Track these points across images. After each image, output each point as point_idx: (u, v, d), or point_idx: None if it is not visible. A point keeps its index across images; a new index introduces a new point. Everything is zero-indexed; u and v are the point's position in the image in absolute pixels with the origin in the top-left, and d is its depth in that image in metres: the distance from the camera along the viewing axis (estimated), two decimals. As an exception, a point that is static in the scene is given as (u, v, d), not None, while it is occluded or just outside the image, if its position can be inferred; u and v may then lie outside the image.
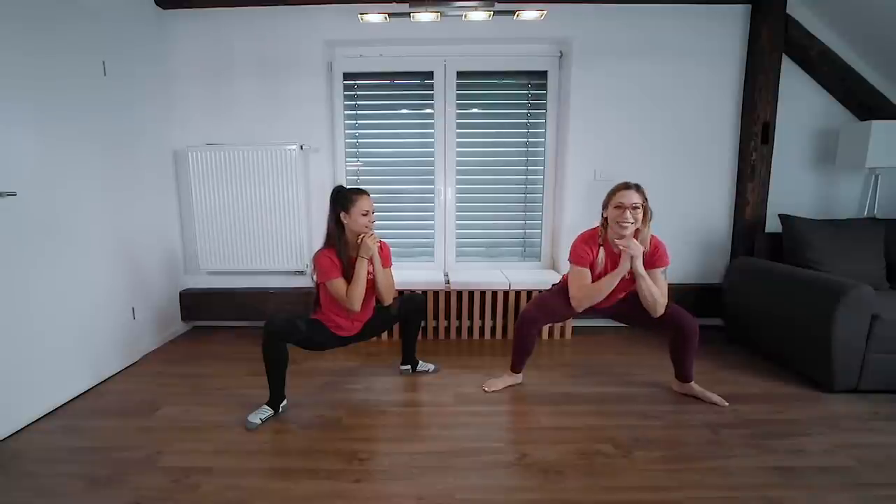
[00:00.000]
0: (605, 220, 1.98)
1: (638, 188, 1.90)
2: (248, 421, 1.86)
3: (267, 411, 1.91)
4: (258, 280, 3.04)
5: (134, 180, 2.56)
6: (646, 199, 1.90)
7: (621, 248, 1.90)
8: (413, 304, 2.24)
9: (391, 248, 2.19)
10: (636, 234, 1.92)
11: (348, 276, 1.97)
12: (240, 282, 3.05)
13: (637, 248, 1.87)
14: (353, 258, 1.99)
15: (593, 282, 1.99)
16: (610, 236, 1.97)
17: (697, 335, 1.99)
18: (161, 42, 2.80)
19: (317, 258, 1.98)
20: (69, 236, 2.11)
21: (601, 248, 2.00)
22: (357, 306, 1.96)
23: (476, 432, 1.82)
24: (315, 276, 2.00)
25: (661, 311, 1.93)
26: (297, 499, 1.45)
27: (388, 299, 2.11)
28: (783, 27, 2.70)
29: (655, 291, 1.90)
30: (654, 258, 1.95)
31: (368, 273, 2.00)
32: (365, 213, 1.97)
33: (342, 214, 1.97)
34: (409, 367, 2.36)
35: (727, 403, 2.01)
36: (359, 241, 1.98)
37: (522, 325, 2.11)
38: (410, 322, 2.28)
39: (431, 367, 2.38)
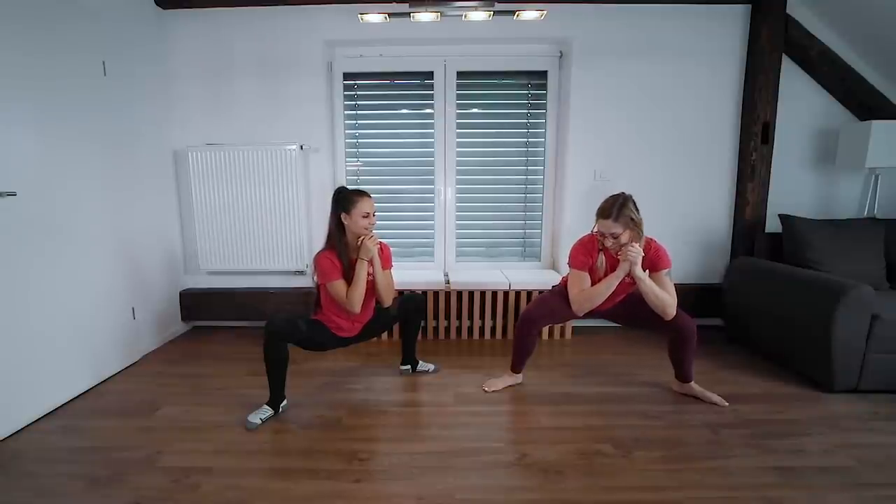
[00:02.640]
0: None
1: (619, 213, 1.83)
2: (248, 421, 1.86)
3: (267, 411, 1.91)
4: (258, 280, 3.04)
5: (134, 180, 2.56)
6: (631, 220, 1.84)
7: (619, 257, 1.90)
8: (413, 304, 2.24)
9: (392, 249, 2.19)
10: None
11: (349, 277, 1.97)
12: (240, 282, 3.05)
13: (636, 255, 1.84)
14: (354, 259, 1.99)
15: (593, 286, 1.99)
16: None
17: (696, 336, 1.99)
18: (161, 42, 2.80)
19: (317, 259, 1.98)
20: (69, 236, 2.10)
21: (601, 252, 1.99)
22: (357, 308, 1.96)
23: (476, 432, 1.82)
24: (315, 277, 2.01)
25: (671, 312, 1.90)
26: (297, 499, 1.45)
27: (387, 301, 2.11)
28: (783, 27, 2.70)
29: (660, 294, 1.88)
30: (654, 262, 1.93)
31: (368, 275, 2.00)
32: (365, 214, 1.97)
33: (343, 216, 1.97)
34: (409, 367, 2.36)
35: (727, 403, 2.01)
36: (358, 242, 1.98)
37: (523, 325, 2.11)
38: (410, 322, 2.28)
39: (431, 367, 2.38)
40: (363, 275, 1.96)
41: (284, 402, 1.97)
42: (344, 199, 1.97)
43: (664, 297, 1.89)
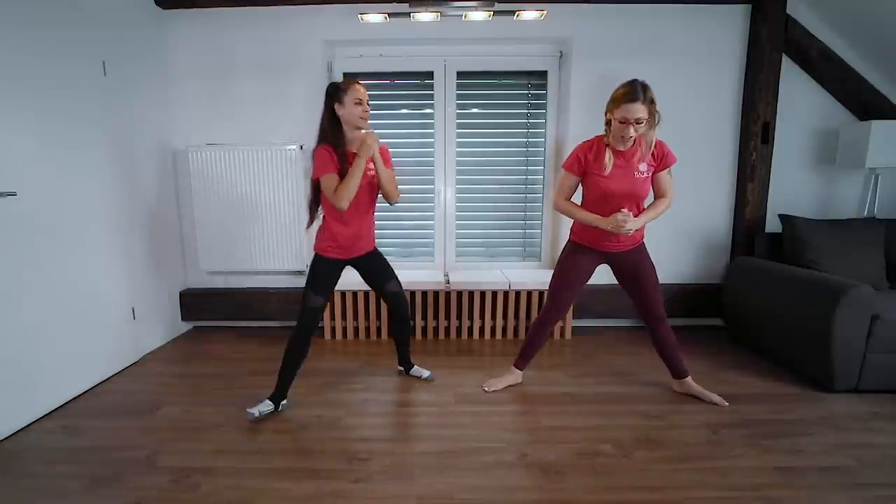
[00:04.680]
0: (608, 121, 1.85)
1: (644, 95, 1.75)
2: (248, 412, 1.88)
3: (268, 405, 1.93)
4: (258, 280, 3.03)
5: (134, 180, 2.56)
6: (653, 103, 1.78)
7: (611, 226, 1.84)
8: (402, 297, 2.20)
9: (394, 248, 2.16)
10: (639, 140, 1.86)
11: (343, 173, 1.84)
12: (240, 282, 3.05)
13: (627, 230, 1.83)
14: (350, 154, 1.88)
15: (610, 177, 1.86)
16: (612, 142, 1.87)
17: (665, 322, 2.05)
18: (161, 42, 2.80)
19: (315, 152, 1.87)
20: (69, 236, 2.11)
21: (607, 148, 1.87)
22: (345, 204, 1.82)
23: (476, 432, 1.82)
24: (311, 173, 1.91)
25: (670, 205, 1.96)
26: (297, 499, 1.45)
27: (394, 195, 2.02)
28: (783, 27, 2.70)
29: (661, 212, 1.93)
30: (664, 159, 1.89)
31: (370, 171, 1.91)
32: (358, 101, 1.86)
33: (336, 106, 1.87)
34: (402, 368, 2.36)
35: (727, 403, 2.01)
36: (359, 141, 1.86)
37: (546, 323, 2.12)
38: (394, 310, 2.21)
39: (426, 373, 2.31)
40: (358, 172, 1.83)
41: (285, 401, 1.98)
42: (336, 89, 1.88)
43: (664, 209, 1.93)
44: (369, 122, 1.93)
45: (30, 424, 1.89)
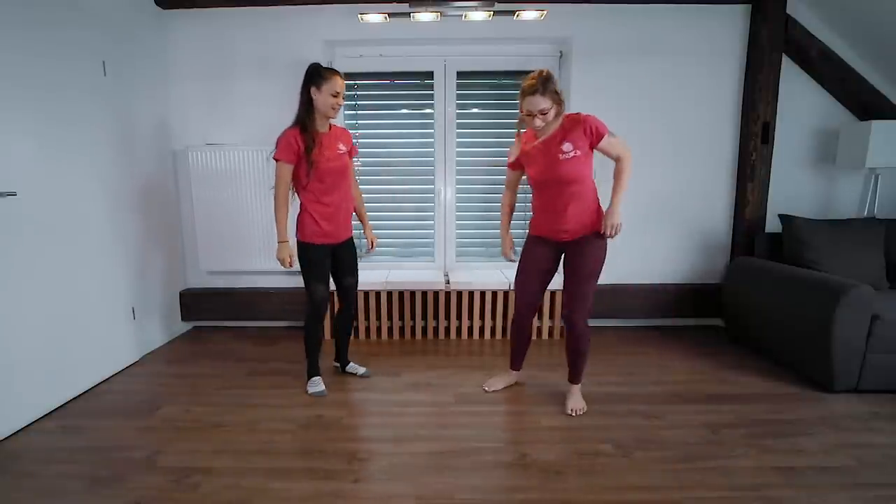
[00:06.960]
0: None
1: (545, 89, 1.73)
2: (315, 392, 2.11)
3: (315, 384, 2.13)
4: (258, 280, 3.04)
5: (134, 180, 2.56)
6: (556, 93, 1.75)
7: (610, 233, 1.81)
8: (355, 289, 2.24)
9: (391, 248, 2.18)
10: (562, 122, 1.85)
11: (309, 152, 1.90)
12: (240, 282, 3.05)
13: (612, 226, 1.81)
14: (318, 134, 1.95)
15: (532, 163, 1.91)
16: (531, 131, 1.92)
17: (580, 341, 1.93)
18: (161, 42, 2.80)
19: (281, 135, 1.94)
20: (69, 236, 2.11)
21: (517, 138, 1.98)
22: (277, 205, 1.97)
23: (476, 432, 1.82)
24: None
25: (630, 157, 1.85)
26: (296, 499, 1.45)
27: (356, 191, 2.23)
28: (783, 27, 2.70)
29: (627, 176, 1.84)
30: (592, 136, 1.80)
31: (334, 159, 1.97)
32: (335, 94, 1.91)
33: (312, 89, 1.91)
34: (339, 364, 2.39)
35: (573, 414, 1.94)
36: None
37: (516, 320, 2.10)
38: (345, 303, 2.24)
39: (362, 370, 2.35)
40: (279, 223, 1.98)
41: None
42: (317, 74, 1.91)
43: (626, 173, 1.84)
44: (367, 122, 1.95)
45: (30, 424, 1.89)
